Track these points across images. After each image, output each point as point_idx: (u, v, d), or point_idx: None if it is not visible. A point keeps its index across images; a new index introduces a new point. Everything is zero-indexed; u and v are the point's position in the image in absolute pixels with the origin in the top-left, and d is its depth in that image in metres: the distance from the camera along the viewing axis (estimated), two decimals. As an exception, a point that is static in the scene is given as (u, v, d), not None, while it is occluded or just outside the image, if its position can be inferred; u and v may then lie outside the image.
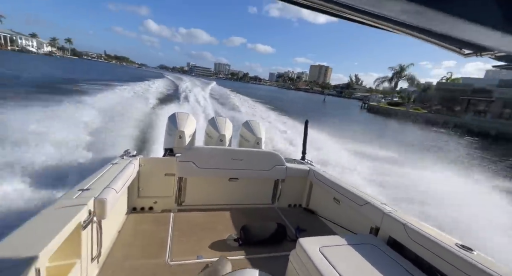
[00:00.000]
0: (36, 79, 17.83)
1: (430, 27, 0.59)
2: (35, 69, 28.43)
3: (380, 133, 16.83)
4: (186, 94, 17.21)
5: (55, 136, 4.85)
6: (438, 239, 1.48)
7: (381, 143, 9.84)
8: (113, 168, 2.00)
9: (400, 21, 0.62)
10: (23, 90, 11.91)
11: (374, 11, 0.58)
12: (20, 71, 22.53)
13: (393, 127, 23.90)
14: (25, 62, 38.45)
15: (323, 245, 1.49)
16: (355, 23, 0.72)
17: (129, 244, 1.93)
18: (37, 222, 1.20)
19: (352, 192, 2.25)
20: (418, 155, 9.30)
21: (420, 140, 16.50)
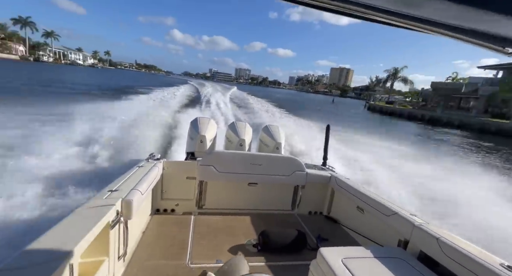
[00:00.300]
0: (94, 87, 23.35)
1: (469, 26, 0.56)
2: (89, 78, 36.46)
3: (365, 125, 20.46)
4: (208, 99, 17.90)
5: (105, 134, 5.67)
6: (479, 257, 1.33)
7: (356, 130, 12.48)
8: (139, 171, 2.09)
9: (436, 21, 0.58)
10: (99, 93, 17.45)
11: (409, 13, 0.55)
12: (79, 80, 29.57)
13: (376, 119, 28.35)
14: (79, 73, 47.59)
15: (346, 256, 1.42)
16: (387, 26, 0.70)
17: (152, 244, 1.99)
18: (70, 220, 1.29)
19: (377, 201, 2.14)
20: (378, 136, 11.69)
21: (392, 128, 21.14)
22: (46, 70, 41.45)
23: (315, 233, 2.46)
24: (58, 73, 38.79)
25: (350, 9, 0.59)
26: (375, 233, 2.24)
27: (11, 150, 4.51)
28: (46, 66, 57.48)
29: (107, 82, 31.32)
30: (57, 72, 39.38)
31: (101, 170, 4.20)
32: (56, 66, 66.82)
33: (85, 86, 23.18)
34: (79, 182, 3.59)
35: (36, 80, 23.00)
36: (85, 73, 50.24)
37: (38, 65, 56.00)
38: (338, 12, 0.65)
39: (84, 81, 29.61)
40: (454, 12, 0.47)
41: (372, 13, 0.60)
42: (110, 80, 37.08)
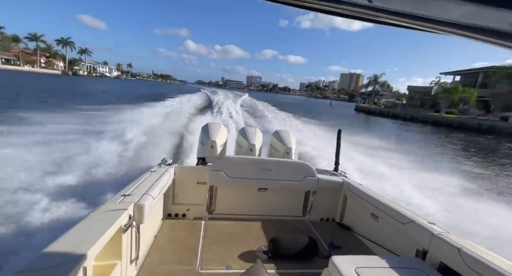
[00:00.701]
0: (131, 94, 29.20)
1: (481, 24, 0.52)
2: (124, 88, 45.13)
3: (339, 119, 27.08)
4: (219, 106, 18.40)
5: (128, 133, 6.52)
6: (505, 270, 1.26)
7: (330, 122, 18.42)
8: (151, 176, 2.15)
9: (453, 22, 0.55)
10: (141, 99, 23.58)
11: (417, 13, 0.54)
12: (119, 90, 37.59)
13: (354, 116, 35.70)
14: (110, 84, 56.28)
15: (359, 265, 1.38)
16: (399, 28, 0.68)
17: (164, 249, 2.02)
18: (85, 224, 1.33)
19: (393, 208, 2.09)
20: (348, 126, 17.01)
21: (358, 120, 28.51)
22: (86, 82, 50.67)
23: (327, 241, 2.42)
24: (96, 83, 47.88)
25: (363, 13, 0.59)
26: (391, 241, 2.18)
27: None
28: (83, 79, 68.34)
29: (134, 91, 38.01)
30: (96, 84, 48.46)
31: (116, 174, 4.42)
32: (90, 78, 78.42)
33: (125, 93, 30.78)
34: (96, 186, 3.80)
35: (91, 90, 30.82)
36: (114, 84, 59.51)
37: (77, 78, 66.97)
38: (351, 17, 0.63)
39: (119, 89, 38.27)
40: (467, 12, 0.45)
41: (384, 16, 0.59)
42: (136, 89, 44.69)
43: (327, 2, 0.57)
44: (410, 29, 0.65)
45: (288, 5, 0.61)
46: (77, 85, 37.19)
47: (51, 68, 76.27)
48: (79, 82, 46.34)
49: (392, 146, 10.74)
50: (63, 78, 56.23)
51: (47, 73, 67.06)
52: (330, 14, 0.64)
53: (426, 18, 0.55)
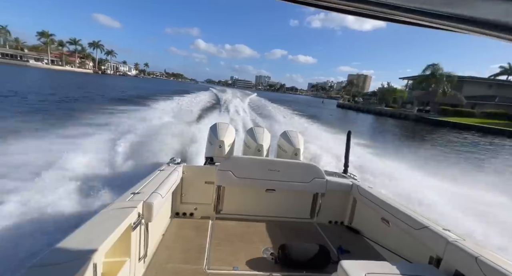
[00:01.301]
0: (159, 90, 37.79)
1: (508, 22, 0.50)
2: (150, 84, 55.02)
3: (318, 112, 36.29)
4: (227, 105, 18.68)
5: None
6: None
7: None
8: (160, 174, 2.20)
9: (467, 19, 0.54)
10: (168, 93, 34.64)
11: (440, 11, 0.52)
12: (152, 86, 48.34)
13: (333, 110, 46.56)
14: (137, 82, 66.10)
15: (370, 271, 1.36)
16: (418, 26, 0.67)
17: (171, 247, 2.05)
18: (95, 221, 1.37)
19: (405, 213, 2.06)
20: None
21: (334, 111, 39.13)
22: (118, 80, 61.25)
23: (336, 244, 2.40)
24: (125, 81, 58.11)
25: (377, 11, 0.57)
26: (402, 247, 2.15)
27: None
28: (111, 77, 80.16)
29: (163, 88, 47.15)
30: (126, 81, 58.39)
31: (126, 172, 4.50)
32: (116, 77, 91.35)
33: (159, 89, 40.40)
34: (107, 183, 3.84)
35: (129, 87, 41.68)
36: (138, 81, 70.09)
37: (107, 76, 79.04)
38: (364, 15, 0.62)
39: (147, 86, 48.99)
40: (495, 10, 0.44)
41: (402, 15, 0.57)
42: (162, 86, 54.85)
43: (341, 0, 0.56)
44: (426, 28, 0.64)
45: (301, 4, 0.61)
46: (115, 82, 46.75)
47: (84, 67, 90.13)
48: (114, 80, 56.35)
49: (341, 125, 19.90)
50: (98, 76, 68.49)
51: (83, 72, 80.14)
52: (343, 13, 0.64)
53: (446, 16, 0.54)
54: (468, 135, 21.07)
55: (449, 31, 0.62)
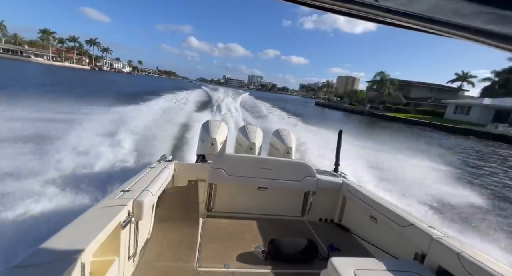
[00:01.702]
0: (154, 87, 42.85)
1: (496, 29, 0.53)
2: (149, 81, 59.78)
3: (293, 107, 43.09)
4: (219, 104, 19.13)
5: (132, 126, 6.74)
6: (504, 275, 1.30)
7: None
8: (151, 172, 2.18)
9: (455, 23, 0.56)
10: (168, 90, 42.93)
11: (428, 15, 0.55)
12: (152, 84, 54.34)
13: (310, 107, 54.29)
14: (134, 78, 71.28)
15: (358, 267, 1.41)
16: (399, 28, 0.70)
17: (161, 247, 2.01)
18: (83, 219, 1.34)
19: (392, 211, 2.14)
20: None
21: (311, 108, 46.69)
22: (116, 76, 65.75)
23: (326, 241, 2.46)
24: (123, 78, 63.65)
25: (368, 12, 0.60)
26: (389, 244, 2.24)
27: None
28: (108, 73, 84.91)
29: (161, 85, 52.47)
30: (124, 78, 63.93)
31: (116, 169, 4.40)
32: (112, 73, 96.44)
33: (158, 86, 46.26)
34: (96, 180, 3.75)
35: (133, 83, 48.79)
36: (135, 78, 75.75)
37: (104, 73, 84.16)
38: (354, 15, 0.65)
39: (146, 83, 54.30)
40: (481, 16, 0.46)
41: (392, 17, 0.60)
42: (159, 83, 60.11)
43: (333, 0, 0.58)
44: (414, 31, 0.67)
45: (292, 2, 0.62)
46: (117, 79, 51.71)
47: (80, 63, 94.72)
48: (112, 76, 60.45)
49: (312, 118, 26.12)
50: (96, 73, 73.90)
51: (81, 68, 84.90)
52: (334, 13, 0.66)
53: (435, 20, 0.56)
54: (399, 125, 29.02)
55: (434, 34, 0.68)
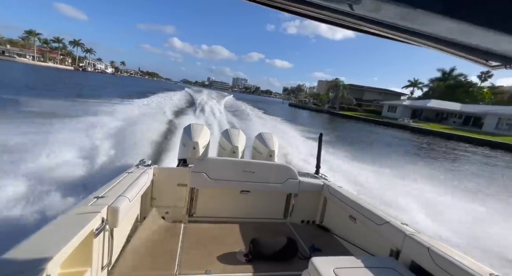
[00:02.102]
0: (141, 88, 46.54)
1: (455, 39, 0.63)
2: (136, 82, 64.54)
3: (266, 106, 49.85)
4: (202, 106, 19.15)
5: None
6: (469, 267, 1.40)
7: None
8: (128, 177, 2.11)
9: (423, 33, 0.64)
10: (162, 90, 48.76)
11: (394, 23, 0.62)
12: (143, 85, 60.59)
13: (284, 107, 62.14)
14: (119, 79, 74.94)
15: (338, 266, 1.47)
16: (374, 36, 0.77)
17: (139, 254, 1.97)
18: (51, 228, 1.26)
19: (369, 210, 2.22)
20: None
21: (284, 108, 54.34)
22: (103, 77, 70.15)
23: (308, 242, 2.50)
24: (111, 79, 68.22)
25: (345, 20, 0.66)
26: (367, 242, 2.31)
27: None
28: (92, 74, 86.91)
29: (151, 85, 56.85)
30: (112, 79, 68.32)
31: (88, 176, 4.16)
32: (96, 74, 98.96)
33: (147, 87, 52.04)
34: (64, 188, 3.51)
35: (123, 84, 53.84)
36: (120, 79, 79.74)
37: (88, 73, 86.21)
38: (332, 23, 0.71)
39: (137, 83, 59.90)
40: (443, 27, 0.54)
41: (366, 25, 0.67)
42: (146, 83, 65.99)
43: (311, 8, 0.64)
44: (387, 39, 0.76)
45: (271, 7, 0.68)
46: (106, 80, 55.82)
47: (63, 64, 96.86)
48: (100, 77, 64.48)
49: (282, 115, 33.11)
50: (81, 73, 76.72)
51: (65, 69, 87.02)
52: (314, 20, 0.73)
53: (404, 29, 0.64)
54: (352, 122, 37.03)
55: (401, 42, 0.77)
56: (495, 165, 14.38)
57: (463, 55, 0.77)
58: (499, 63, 0.79)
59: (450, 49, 0.74)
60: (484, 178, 10.00)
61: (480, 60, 0.79)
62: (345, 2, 0.55)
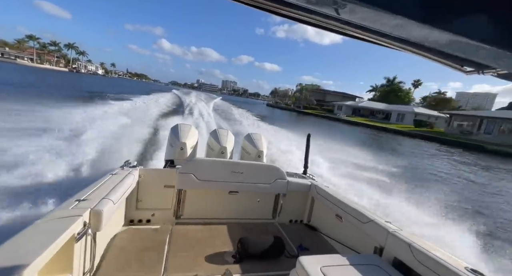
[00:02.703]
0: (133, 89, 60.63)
1: (432, 45, 0.65)
2: (133, 84, 72.72)
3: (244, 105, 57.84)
4: (191, 107, 19.36)
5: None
6: (446, 261, 1.48)
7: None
8: (112, 179, 2.07)
9: (403, 38, 0.68)
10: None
11: (376, 28, 0.64)
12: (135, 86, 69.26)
13: (262, 107, 72.54)
14: (114, 81, 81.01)
15: (324, 264, 1.51)
16: (358, 40, 0.82)
17: (124, 258, 1.94)
18: (28, 233, 1.22)
19: (355, 208, 2.28)
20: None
21: (261, 107, 64.78)
22: (98, 79, 77.02)
23: (296, 242, 2.55)
24: (106, 80, 74.93)
25: (330, 24, 0.69)
26: (353, 240, 2.38)
27: None
28: (86, 76, 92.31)
29: (150, 86, 65.07)
30: (107, 80, 74.98)
31: (68, 178, 4.01)
32: (90, 76, 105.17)
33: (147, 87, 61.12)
34: (42, 192, 3.38)
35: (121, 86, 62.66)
36: (115, 81, 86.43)
37: (82, 75, 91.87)
38: (317, 26, 0.75)
39: (133, 85, 69.03)
40: (423, 33, 0.57)
41: (350, 29, 0.70)
42: (142, 84, 73.63)
43: (298, 11, 0.67)
44: (371, 43, 0.80)
45: (258, 9, 0.71)
46: (102, 81, 62.70)
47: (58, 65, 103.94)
48: (95, 79, 71.30)
49: (260, 113, 41.38)
50: (76, 75, 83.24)
51: (60, 70, 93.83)
52: (301, 22, 0.75)
53: (386, 34, 0.69)
54: (310, 117, 47.62)
55: (386, 47, 0.82)
56: (380, 137, 25.96)
57: (441, 60, 0.84)
58: (473, 69, 0.87)
59: (429, 55, 0.81)
60: (365, 142, 19.63)
61: (456, 65, 0.86)
62: (331, 6, 0.58)
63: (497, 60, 0.66)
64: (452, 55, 0.76)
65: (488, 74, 0.83)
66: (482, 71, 0.84)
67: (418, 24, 0.51)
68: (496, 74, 0.81)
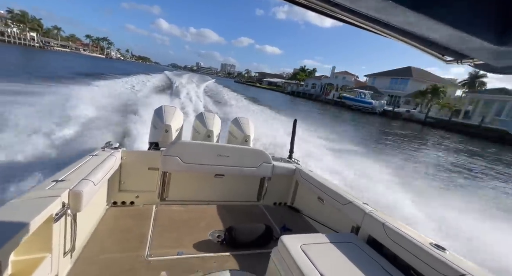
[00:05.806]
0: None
1: (418, 33, 0.71)
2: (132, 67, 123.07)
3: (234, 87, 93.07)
4: (179, 88, 20.46)
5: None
6: (414, 238, 1.69)
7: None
8: (93, 160, 2.11)
9: (388, 24, 0.72)
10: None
11: (363, 11, 0.68)
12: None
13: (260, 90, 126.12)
14: (126, 64, 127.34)
15: (304, 243, 1.66)
16: (351, 25, 0.86)
17: (106, 238, 2.01)
18: (1, 213, 1.24)
19: (335, 191, 2.49)
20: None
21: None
22: (127, 63, 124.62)
23: (279, 223, 2.79)
24: (133, 63, 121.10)
25: (323, 7, 0.73)
26: (332, 221, 2.63)
27: None
28: (117, 61, 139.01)
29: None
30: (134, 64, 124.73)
31: (43, 159, 4.02)
32: (117, 61, 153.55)
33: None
34: (14, 172, 3.40)
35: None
36: (135, 64, 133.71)
37: (114, 60, 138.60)
38: (312, 9, 0.79)
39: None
40: (408, 20, 0.61)
41: (341, 13, 0.74)
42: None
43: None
44: (360, 28, 0.85)
45: None
46: (128, 65, 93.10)
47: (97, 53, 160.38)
48: (122, 64, 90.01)
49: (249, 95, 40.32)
50: (110, 60, 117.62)
51: (101, 57, 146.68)
52: (298, 5, 0.79)
53: (373, 19, 0.73)
54: (251, 86, 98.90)
55: (374, 33, 0.87)
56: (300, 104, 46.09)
57: (423, 48, 0.89)
58: (453, 58, 0.92)
59: (412, 42, 0.86)
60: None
61: (437, 54, 0.92)
62: None
63: (476, 50, 0.72)
64: (434, 43, 0.82)
65: (466, 64, 0.91)
66: (461, 61, 0.90)
67: (403, 8, 0.54)
68: (473, 64, 0.89)
